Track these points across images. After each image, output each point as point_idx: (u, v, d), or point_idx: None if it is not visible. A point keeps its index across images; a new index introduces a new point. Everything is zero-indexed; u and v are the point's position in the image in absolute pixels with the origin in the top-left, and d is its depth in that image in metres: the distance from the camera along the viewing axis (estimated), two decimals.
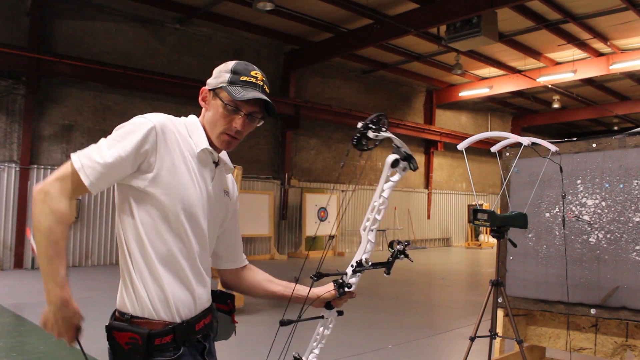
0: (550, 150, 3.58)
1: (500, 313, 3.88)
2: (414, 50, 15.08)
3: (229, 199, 1.78)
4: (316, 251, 14.50)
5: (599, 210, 3.56)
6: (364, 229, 1.64)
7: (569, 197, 3.71)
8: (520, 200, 3.87)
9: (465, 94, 18.35)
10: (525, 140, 3.49)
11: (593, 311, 3.49)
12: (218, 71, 1.65)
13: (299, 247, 15.15)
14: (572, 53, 14.68)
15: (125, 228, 1.54)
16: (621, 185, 3.48)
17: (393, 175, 1.63)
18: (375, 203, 1.62)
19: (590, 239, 3.58)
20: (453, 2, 11.00)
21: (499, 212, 3.77)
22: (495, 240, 3.53)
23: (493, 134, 3.89)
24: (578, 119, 22.26)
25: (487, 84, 17.48)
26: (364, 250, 1.64)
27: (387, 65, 16.39)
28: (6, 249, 10.30)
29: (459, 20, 11.11)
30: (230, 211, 1.80)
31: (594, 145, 3.66)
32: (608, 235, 3.50)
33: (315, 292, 1.69)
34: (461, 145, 3.60)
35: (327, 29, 13.36)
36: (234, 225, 1.85)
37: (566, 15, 12.03)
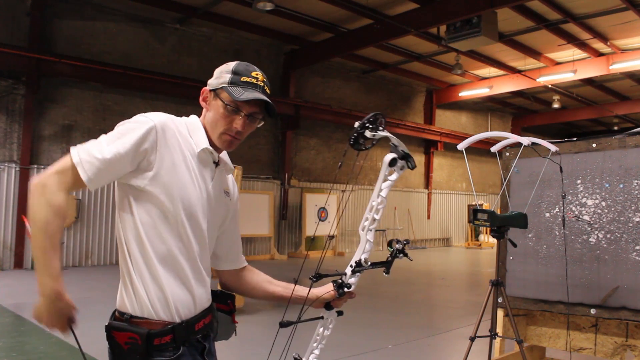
0: (550, 150, 3.58)
1: (500, 313, 3.87)
2: (414, 50, 15.07)
3: (230, 200, 1.78)
4: (316, 251, 14.48)
5: (599, 210, 3.56)
6: (362, 228, 1.64)
7: (569, 197, 3.71)
8: (520, 200, 3.87)
9: (465, 94, 18.35)
10: (525, 140, 3.49)
11: (593, 311, 3.48)
12: (219, 72, 1.65)
13: (299, 247, 15.15)
14: (572, 53, 14.68)
15: (125, 228, 1.55)
16: (621, 185, 3.48)
17: (391, 175, 1.63)
18: (373, 202, 1.62)
19: (590, 239, 3.58)
20: (453, 2, 11.00)
21: (499, 212, 3.77)
22: (495, 240, 3.52)
23: (493, 134, 3.89)
24: (578, 119, 22.24)
25: (487, 84, 17.48)
26: (363, 250, 1.64)
27: (387, 65, 16.38)
28: (6, 249, 10.29)
29: (459, 20, 11.10)
30: (231, 212, 1.80)
31: (594, 145, 3.66)
32: (608, 235, 3.50)
33: (315, 293, 1.68)
34: (461, 145, 3.60)
35: (327, 29, 13.36)
36: (234, 226, 1.85)
37: (566, 15, 12.02)
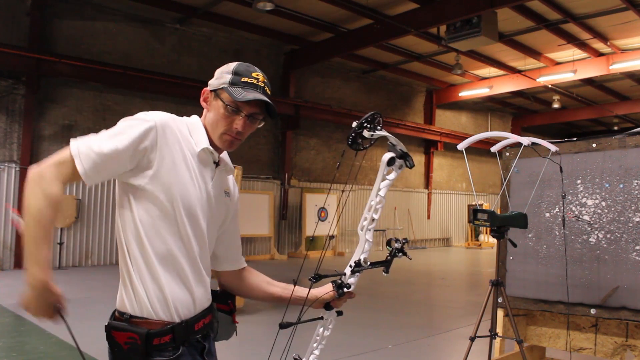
0: (550, 150, 3.58)
1: (500, 313, 3.87)
2: (414, 50, 15.07)
3: (230, 200, 1.77)
4: (316, 251, 14.47)
5: (599, 210, 3.56)
6: (361, 228, 1.64)
7: (569, 197, 3.70)
8: (520, 200, 3.86)
9: (465, 94, 18.34)
10: (525, 140, 3.49)
11: (593, 311, 3.48)
12: (219, 72, 1.65)
13: (299, 247, 15.15)
14: (572, 53, 14.67)
15: (125, 227, 1.54)
16: (621, 185, 3.48)
17: (389, 174, 1.63)
18: (372, 202, 1.62)
19: (590, 239, 3.57)
20: (453, 2, 11.00)
21: (499, 212, 3.77)
22: (495, 240, 3.52)
23: (493, 134, 3.89)
24: (578, 119, 22.24)
25: (487, 84, 17.47)
26: (362, 249, 1.64)
27: (387, 65, 16.38)
28: (6, 249, 10.29)
29: (459, 20, 11.10)
30: (231, 212, 1.79)
31: (594, 145, 3.66)
32: (608, 235, 3.49)
33: (314, 294, 1.68)
34: (461, 145, 3.60)
35: (327, 29, 13.35)
36: (234, 227, 1.84)
37: (566, 15, 12.02)
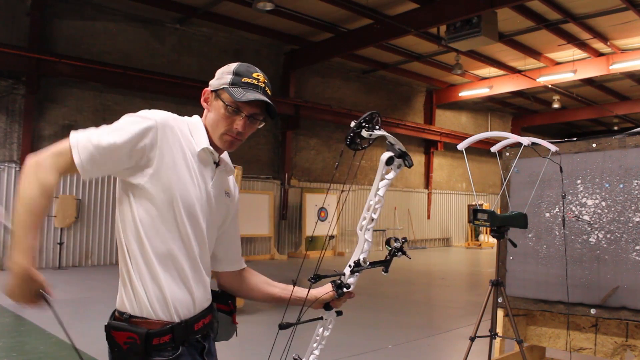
0: (550, 150, 3.58)
1: (500, 313, 3.87)
2: (414, 50, 15.07)
3: (230, 200, 1.77)
4: (316, 251, 14.47)
5: (599, 210, 3.56)
6: (360, 228, 1.64)
7: (569, 197, 3.70)
8: (520, 200, 3.86)
9: (465, 94, 18.34)
10: (525, 140, 3.49)
11: (593, 311, 3.48)
12: (220, 73, 1.65)
13: (299, 247, 15.15)
14: (572, 53, 14.67)
15: (125, 227, 1.54)
16: (621, 185, 3.47)
17: (388, 173, 1.63)
18: (371, 202, 1.62)
19: (590, 239, 3.57)
20: (453, 2, 11.00)
21: (499, 212, 3.77)
22: (495, 240, 3.52)
23: (493, 134, 3.88)
24: (578, 119, 22.24)
25: (487, 84, 17.47)
26: (361, 249, 1.63)
27: (387, 65, 16.37)
28: (6, 249, 10.30)
29: (459, 20, 11.10)
30: (231, 212, 1.79)
31: (594, 145, 3.65)
32: (608, 235, 3.49)
33: (314, 294, 1.68)
34: (461, 145, 3.60)
35: (327, 29, 13.35)
36: (234, 227, 1.84)
37: (566, 15, 12.02)
